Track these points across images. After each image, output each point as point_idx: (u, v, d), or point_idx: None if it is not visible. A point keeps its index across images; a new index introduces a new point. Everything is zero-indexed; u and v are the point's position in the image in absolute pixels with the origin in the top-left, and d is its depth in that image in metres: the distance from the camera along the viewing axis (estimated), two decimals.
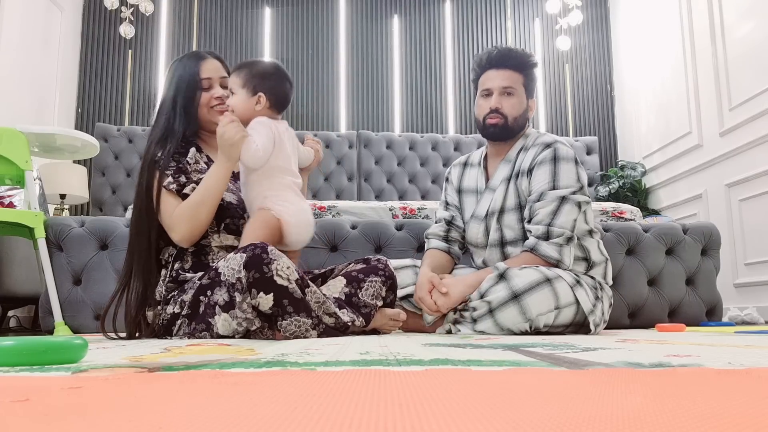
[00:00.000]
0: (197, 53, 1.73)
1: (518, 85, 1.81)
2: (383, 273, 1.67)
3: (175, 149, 1.62)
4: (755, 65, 3.29)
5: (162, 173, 1.58)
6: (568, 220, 1.69)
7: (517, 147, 1.84)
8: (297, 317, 1.39)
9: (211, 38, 4.71)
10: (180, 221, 1.55)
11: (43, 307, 2.07)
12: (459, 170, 2.02)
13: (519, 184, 1.79)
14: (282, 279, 1.37)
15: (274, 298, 1.37)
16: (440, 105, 4.83)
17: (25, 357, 0.71)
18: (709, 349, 0.93)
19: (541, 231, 1.69)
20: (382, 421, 0.34)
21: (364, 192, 4.23)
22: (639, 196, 4.34)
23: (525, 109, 1.84)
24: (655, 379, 0.54)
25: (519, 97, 1.81)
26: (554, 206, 1.69)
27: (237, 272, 1.37)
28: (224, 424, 0.33)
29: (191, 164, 1.63)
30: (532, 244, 1.70)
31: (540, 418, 0.34)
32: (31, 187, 2.18)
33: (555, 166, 1.73)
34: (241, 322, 1.38)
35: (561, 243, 1.68)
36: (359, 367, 0.66)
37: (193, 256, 1.60)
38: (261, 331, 1.41)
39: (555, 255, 1.67)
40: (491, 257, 1.84)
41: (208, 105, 1.68)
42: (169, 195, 1.58)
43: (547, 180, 1.72)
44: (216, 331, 1.41)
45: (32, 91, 3.88)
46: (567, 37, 4.60)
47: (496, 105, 1.80)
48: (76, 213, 4.21)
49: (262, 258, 1.36)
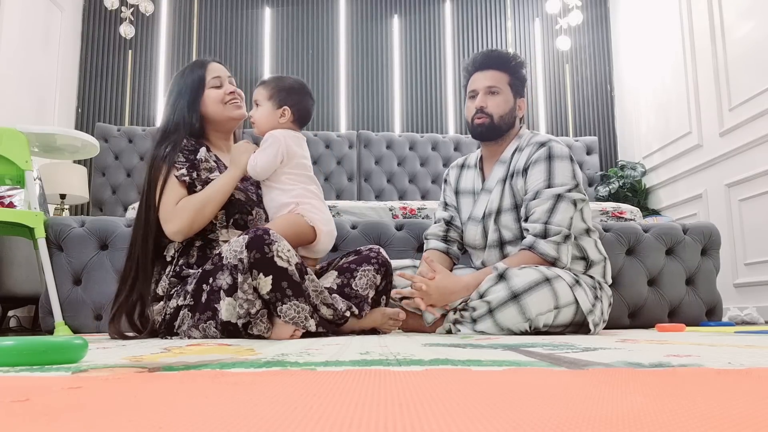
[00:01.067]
0: (198, 61, 1.78)
1: (503, 84, 1.83)
2: (376, 261, 1.68)
3: (183, 146, 1.64)
4: (755, 65, 3.29)
5: (172, 166, 1.60)
6: (565, 218, 1.69)
7: (511, 148, 1.85)
8: (296, 302, 1.41)
9: (211, 38, 4.71)
10: (182, 214, 1.56)
11: (43, 307, 2.07)
12: (456, 172, 2.03)
13: (514, 184, 1.79)
14: (282, 261, 1.40)
15: (273, 281, 1.39)
16: (440, 105, 4.83)
17: (25, 357, 0.71)
18: (709, 349, 0.93)
19: (539, 229, 1.69)
20: (382, 421, 0.34)
21: (364, 192, 4.23)
22: (639, 196, 4.34)
23: (512, 107, 1.85)
24: (655, 379, 0.54)
25: (504, 95, 1.83)
26: (550, 204, 1.70)
27: (239, 253, 1.40)
28: (224, 424, 0.33)
29: (202, 162, 1.66)
30: (530, 242, 1.70)
31: (540, 418, 0.34)
32: (31, 187, 2.18)
33: (550, 164, 1.73)
34: (242, 303, 1.40)
35: (558, 241, 1.68)
36: (359, 367, 0.66)
37: (199, 251, 1.61)
38: (261, 318, 1.42)
39: (553, 253, 1.67)
40: (490, 258, 1.84)
41: (222, 101, 1.71)
42: (177, 185, 1.60)
43: (542, 178, 1.73)
44: (220, 318, 1.42)
45: (32, 91, 3.88)
46: (567, 37, 4.60)
47: (481, 104, 1.83)
48: (76, 213, 4.21)
49: (264, 239, 1.40)
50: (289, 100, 1.71)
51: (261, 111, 1.72)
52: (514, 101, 1.86)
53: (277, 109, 1.70)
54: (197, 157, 1.65)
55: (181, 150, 1.64)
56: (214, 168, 1.67)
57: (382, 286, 1.70)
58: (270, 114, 1.71)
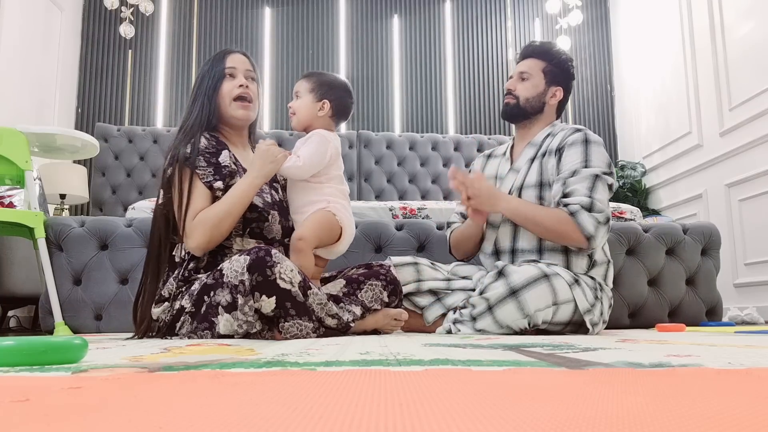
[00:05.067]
0: (224, 50, 1.72)
1: (535, 71, 1.90)
2: (384, 278, 1.67)
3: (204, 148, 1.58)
4: (755, 65, 3.29)
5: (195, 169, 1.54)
6: (604, 199, 1.70)
7: (544, 132, 1.89)
8: (299, 320, 1.39)
9: (211, 38, 4.71)
10: (200, 229, 1.51)
11: (43, 307, 2.07)
12: (482, 161, 2.08)
13: (545, 163, 1.81)
14: (285, 282, 1.37)
15: (276, 301, 1.37)
16: (440, 105, 4.83)
17: (25, 357, 0.71)
18: (709, 349, 0.93)
19: (586, 202, 1.67)
20: (382, 421, 0.34)
21: (364, 192, 4.23)
22: (639, 196, 4.34)
23: (540, 92, 1.90)
24: (655, 379, 0.54)
25: (533, 80, 1.90)
26: (590, 183, 1.70)
27: (240, 274, 1.37)
28: (224, 424, 0.33)
29: (228, 167, 1.59)
30: (574, 209, 1.67)
31: (540, 418, 0.34)
32: (31, 187, 2.17)
33: (587, 147, 1.75)
34: (242, 324, 1.39)
35: (600, 220, 1.67)
36: (359, 367, 0.66)
37: (210, 256, 1.57)
38: (261, 333, 1.41)
39: (590, 229, 1.66)
40: (503, 234, 1.85)
41: (230, 94, 1.64)
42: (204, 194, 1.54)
43: (579, 159, 1.74)
44: (218, 331, 1.41)
45: (32, 91, 3.88)
46: (567, 37, 4.60)
47: (509, 87, 1.93)
48: (76, 213, 4.21)
49: (266, 261, 1.36)
50: (330, 94, 1.71)
51: (301, 102, 1.72)
52: (546, 88, 1.90)
53: (318, 102, 1.70)
54: (219, 160, 1.59)
55: (202, 153, 1.57)
56: (234, 172, 1.60)
57: (393, 305, 1.68)
58: (310, 106, 1.71)
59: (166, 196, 1.59)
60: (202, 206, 1.53)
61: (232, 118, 1.66)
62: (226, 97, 1.64)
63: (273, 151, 1.56)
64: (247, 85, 1.66)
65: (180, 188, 1.55)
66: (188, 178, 1.55)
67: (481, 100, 4.86)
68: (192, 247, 1.53)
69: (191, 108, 1.66)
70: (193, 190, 1.55)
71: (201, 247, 1.53)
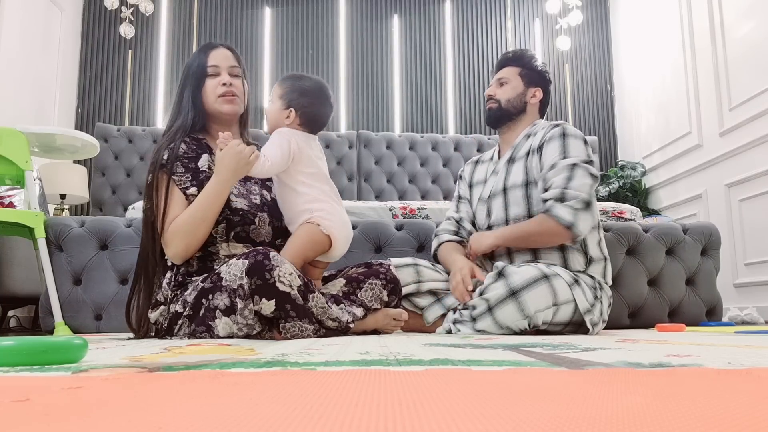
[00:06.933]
0: (207, 44, 1.70)
1: (512, 75, 1.95)
2: (384, 277, 1.66)
3: (183, 152, 1.58)
4: (755, 65, 3.29)
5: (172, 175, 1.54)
6: (584, 184, 1.69)
7: (524, 133, 1.92)
8: (299, 322, 1.39)
9: (211, 38, 4.71)
10: (175, 239, 1.50)
11: (43, 307, 2.07)
12: (471, 167, 2.10)
13: (529, 162, 1.82)
14: (284, 285, 1.37)
15: (276, 304, 1.36)
16: (440, 105, 4.83)
17: (25, 357, 0.71)
18: (709, 349, 0.93)
19: (557, 193, 1.68)
20: (382, 421, 0.34)
21: (364, 192, 4.23)
22: (639, 196, 4.34)
23: (520, 93, 1.94)
24: (655, 379, 0.54)
25: (512, 84, 1.95)
26: (567, 173, 1.71)
27: (239, 278, 1.36)
28: (224, 424, 0.33)
29: (205, 171, 1.58)
30: (549, 205, 1.69)
31: (540, 418, 0.34)
32: (31, 187, 2.17)
33: (564, 141, 1.77)
34: (242, 327, 1.39)
35: (576, 207, 1.66)
36: (359, 367, 0.66)
37: (199, 261, 1.56)
38: (261, 333, 1.41)
39: (568, 218, 1.65)
40: None
41: (214, 92, 1.63)
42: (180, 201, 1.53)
43: (557, 152, 1.75)
44: (216, 333, 1.41)
45: (32, 91, 3.88)
46: (567, 37, 4.60)
47: (489, 93, 1.98)
48: (76, 213, 4.21)
49: (264, 265, 1.36)
50: (298, 102, 1.65)
51: (271, 107, 1.69)
52: (525, 89, 1.94)
53: (284, 110, 1.66)
54: (198, 165, 1.58)
55: (180, 158, 1.56)
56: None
57: (392, 305, 1.68)
58: (277, 112, 1.67)
59: (149, 202, 1.57)
60: (180, 213, 1.52)
61: (220, 114, 1.65)
62: (211, 95, 1.64)
63: (246, 153, 1.50)
64: (231, 83, 1.64)
65: (157, 195, 1.54)
66: (165, 185, 1.54)
67: (481, 100, 4.86)
68: (170, 255, 1.53)
69: (174, 110, 1.66)
70: (170, 197, 1.54)
71: (180, 255, 1.52)
